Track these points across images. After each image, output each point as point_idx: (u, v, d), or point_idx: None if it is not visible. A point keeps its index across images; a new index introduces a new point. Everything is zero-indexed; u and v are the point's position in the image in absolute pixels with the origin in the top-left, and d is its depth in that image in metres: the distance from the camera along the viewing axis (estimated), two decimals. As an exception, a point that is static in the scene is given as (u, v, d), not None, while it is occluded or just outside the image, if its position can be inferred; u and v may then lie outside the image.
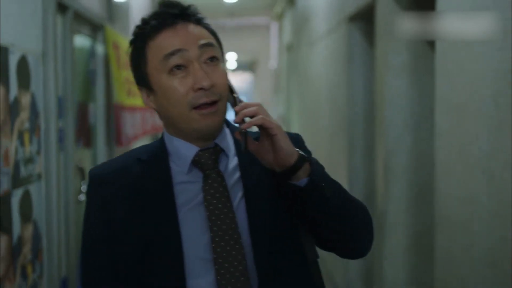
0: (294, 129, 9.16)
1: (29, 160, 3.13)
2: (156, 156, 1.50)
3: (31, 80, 3.16)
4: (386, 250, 3.81)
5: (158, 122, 7.02)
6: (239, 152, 1.52)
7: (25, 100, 3.09)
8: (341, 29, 5.22)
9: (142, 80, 1.48)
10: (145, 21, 1.48)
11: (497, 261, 2.35)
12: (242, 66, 16.12)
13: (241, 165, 1.51)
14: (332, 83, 5.78)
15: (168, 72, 1.42)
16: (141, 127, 5.79)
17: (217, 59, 1.45)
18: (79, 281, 1.49)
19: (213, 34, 1.50)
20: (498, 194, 2.32)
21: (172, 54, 1.41)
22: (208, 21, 1.53)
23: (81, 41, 4.43)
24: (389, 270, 3.84)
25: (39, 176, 3.27)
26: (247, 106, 1.38)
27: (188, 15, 1.46)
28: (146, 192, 1.46)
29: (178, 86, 1.41)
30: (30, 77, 3.15)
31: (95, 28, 4.70)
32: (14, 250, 2.91)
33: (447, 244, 2.84)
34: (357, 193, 4.75)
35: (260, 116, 1.36)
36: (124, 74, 5.06)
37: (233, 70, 15.83)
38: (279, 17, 12.26)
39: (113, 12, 5.26)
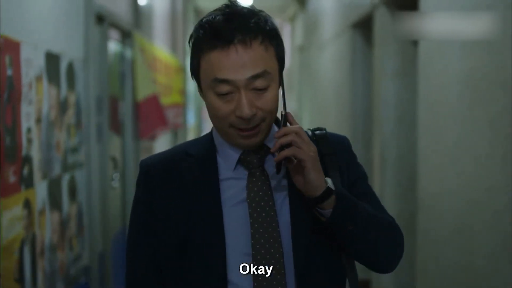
0: (305, 125, 9.53)
1: (74, 150, 3.70)
2: (205, 151, 1.52)
3: (75, 82, 3.73)
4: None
5: (180, 120, 7.54)
6: None
7: (71, 99, 3.66)
8: (345, 35, 5.75)
9: (197, 82, 1.47)
10: (203, 27, 1.42)
11: (462, 225, 2.87)
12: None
13: None
14: (338, 83, 6.30)
15: (216, 93, 1.40)
16: (159, 123, 5.99)
17: (265, 89, 1.40)
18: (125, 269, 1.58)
19: (271, 40, 1.42)
20: (462, 177, 2.86)
21: (221, 82, 1.38)
22: None
23: (113, 46, 4.99)
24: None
25: (81, 164, 3.85)
26: (286, 132, 1.39)
27: (246, 33, 1.38)
28: (193, 186, 1.48)
29: (222, 108, 1.40)
30: (75, 80, 3.72)
31: (124, 35, 5.25)
32: (64, 225, 3.48)
33: (426, 220, 3.38)
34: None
35: (291, 148, 1.38)
36: (151, 75, 5.59)
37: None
38: (292, 20, 12.63)
39: (139, 19, 5.79)
